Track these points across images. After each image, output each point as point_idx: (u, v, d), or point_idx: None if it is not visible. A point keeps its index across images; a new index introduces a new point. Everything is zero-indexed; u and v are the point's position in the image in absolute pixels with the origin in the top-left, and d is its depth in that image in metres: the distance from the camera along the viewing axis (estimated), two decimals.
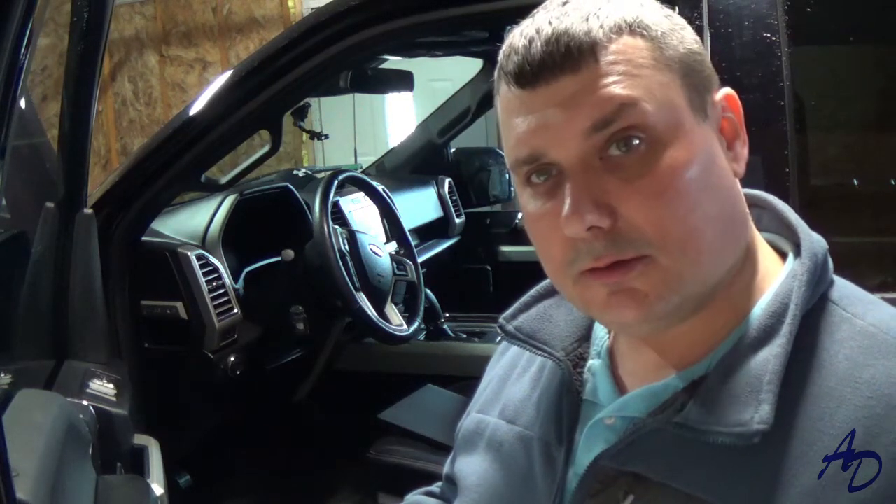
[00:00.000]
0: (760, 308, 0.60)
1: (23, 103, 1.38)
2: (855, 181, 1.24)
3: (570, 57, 0.56)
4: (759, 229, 0.67)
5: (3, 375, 1.20)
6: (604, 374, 0.68)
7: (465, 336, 2.55)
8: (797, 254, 0.62)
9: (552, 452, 0.68)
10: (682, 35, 0.60)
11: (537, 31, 0.57)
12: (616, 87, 0.56)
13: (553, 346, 0.71)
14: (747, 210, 0.63)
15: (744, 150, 0.62)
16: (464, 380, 1.95)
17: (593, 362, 0.70)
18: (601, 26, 0.57)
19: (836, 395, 0.55)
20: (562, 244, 0.59)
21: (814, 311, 0.60)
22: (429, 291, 2.41)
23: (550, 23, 0.57)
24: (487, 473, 0.73)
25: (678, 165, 0.56)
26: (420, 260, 2.32)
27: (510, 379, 0.78)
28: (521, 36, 0.59)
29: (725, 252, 0.59)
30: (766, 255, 0.64)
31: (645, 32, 0.58)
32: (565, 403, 0.69)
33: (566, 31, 0.56)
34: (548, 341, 0.71)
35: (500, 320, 0.75)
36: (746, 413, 0.55)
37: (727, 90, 0.63)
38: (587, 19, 0.57)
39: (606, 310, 0.60)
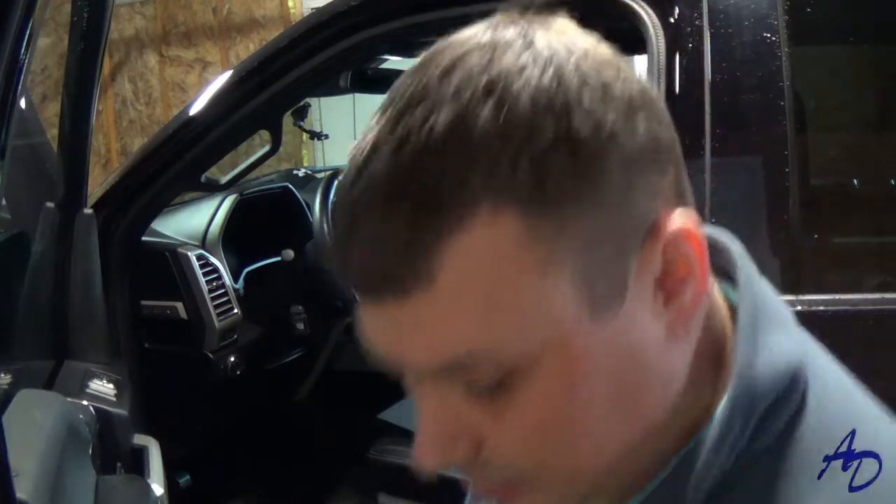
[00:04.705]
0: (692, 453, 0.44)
1: (23, 103, 1.38)
2: (855, 181, 1.24)
3: (389, 288, 0.39)
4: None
5: (3, 375, 1.20)
6: None
7: None
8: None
9: None
10: (602, 164, 0.38)
11: (345, 231, 0.39)
12: (460, 327, 0.39)
13: None
14: (687, 353, 0.44)
15: (699, 293, 0.42)
16: None
17: None
18: (443, 208, 0.37)
19: None
20: None
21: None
22: None
23: (359, 221, 0.38)
24: None
25: (560, 395, 0.41)
26: None
27: None
28: (335, 222, 0.42)
29: (644, 442, 0.44)
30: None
31: (517, 198, 0.37)
32: None
33: (377, 242, 0.38)
34: None
35: None
36: None
37: (680, 224, 0.41)
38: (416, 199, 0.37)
39: None
